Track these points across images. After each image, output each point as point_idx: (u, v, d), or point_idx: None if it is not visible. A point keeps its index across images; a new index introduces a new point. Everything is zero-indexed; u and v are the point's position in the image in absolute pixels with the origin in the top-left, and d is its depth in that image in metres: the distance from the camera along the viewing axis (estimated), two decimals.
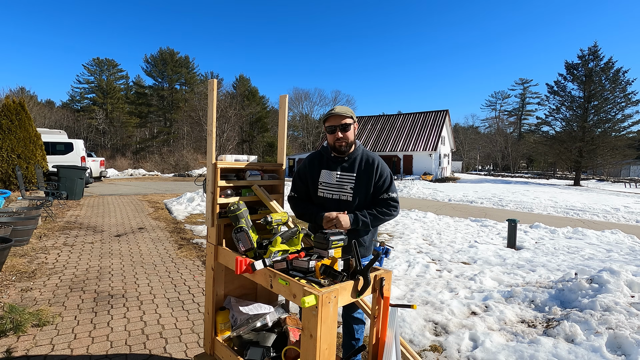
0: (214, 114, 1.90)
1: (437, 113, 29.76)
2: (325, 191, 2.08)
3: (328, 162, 2.10)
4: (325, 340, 1.33)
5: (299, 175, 2.20)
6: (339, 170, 2.06)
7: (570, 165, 30.17)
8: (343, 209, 2.00)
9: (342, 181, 2.04)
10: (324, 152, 2.14)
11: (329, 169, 2.09)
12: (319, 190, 2.10)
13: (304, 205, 2.13)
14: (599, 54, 26.73)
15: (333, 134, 2.00)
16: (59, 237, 5.58)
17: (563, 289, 3.19)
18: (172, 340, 2.61)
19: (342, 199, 2.04)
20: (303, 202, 2.18)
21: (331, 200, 2.06)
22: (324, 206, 2.07)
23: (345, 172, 2.05)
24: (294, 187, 2.23)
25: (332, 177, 2.06)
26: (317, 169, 2.12)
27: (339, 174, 2.05)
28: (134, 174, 26.08)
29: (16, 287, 3.46)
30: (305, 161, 2.20)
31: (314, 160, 2.15)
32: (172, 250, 5.14)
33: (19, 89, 37.27)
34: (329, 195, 2.07)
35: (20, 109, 9.72)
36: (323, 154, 2.14)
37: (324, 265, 1.43)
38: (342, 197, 2.04)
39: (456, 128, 56.33)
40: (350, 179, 2.03)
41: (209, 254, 2.02)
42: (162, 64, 48.26)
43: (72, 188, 9.85)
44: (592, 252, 5.67)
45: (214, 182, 1.91)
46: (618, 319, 2.57)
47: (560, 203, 13.41)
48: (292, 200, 2.23)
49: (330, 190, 2.07)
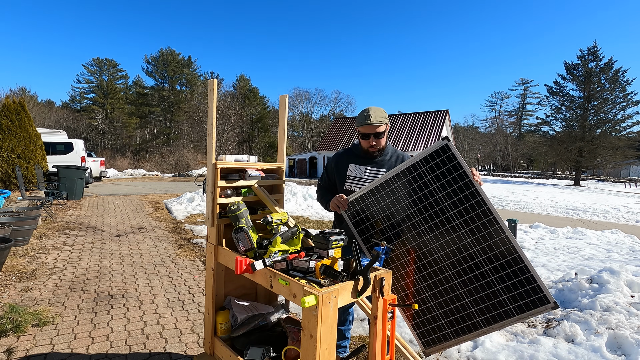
0: (214, 114, 1.90)
1: (437, 113, 29.73)
2: (353, 185, 2.09)
3: (357, 158, 2.12)
4: (325, 340, 1.33)
5: (327, 168, 2.25)
6: (369, 166, 2.08)
7: (570, 166, 30.19)
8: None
9: (372, 177, 2.06)
10: (354, 149, 2.15)
11: (357, 163, 2.10)
12: (345, 183, 2.11)
13: (325, 194, 2.18)
14: (598, 54, 26.79)
15: (367, 140, 2.01)
16: (59, 237, 5.58)
17: (563, 289, 3.19)
18: (172, 340, 2.61)
19: None
20: (325, 190, 2.23)
21: None
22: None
23: (376, 168, 2.07)
24: (322, 179, 2.29)
25: (360, 172, 2.08)
26: (345, 163, 2.13)
27: (368, 169, 2.07)
28: (134, 174, 26.09)
29: (16, 287, 3.46)
30: (335, 156, 2.24)
31: (343, 155, 2.18)
32: (172, 250, 5.14)
33: (19, 89, 37.27)
34: (357, 189, 2.07)
35: (20, 109, 9.72)
36: (353, 150, 2.16)
37: (324, 265, 1.43)
38: None
39: (456, 128, 56.30)
40: (380, 173, 2.05)
41: (209, 254, 2.02)
42: (163, 64, 48.27)
43: (72, 188, 9.85)
44: (592, 252, 5.67)
45: (214, 182, 1.91)
46: (618, 319, 2.57)
47: (560, 203, 13.42)
48: (318, 188, 2.30)
49: (358, 185, 2.07)
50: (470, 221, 1.67)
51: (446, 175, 1.71)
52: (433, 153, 1.74)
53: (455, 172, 1.69)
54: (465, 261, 1.70)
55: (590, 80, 26.46)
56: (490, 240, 1.63)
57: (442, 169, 1.72)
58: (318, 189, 2.29)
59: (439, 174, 1.72)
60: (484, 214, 1.64)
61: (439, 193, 1.73)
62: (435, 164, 1.73)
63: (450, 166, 1.70)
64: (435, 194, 1.74)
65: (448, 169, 1.70)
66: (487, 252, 1.64)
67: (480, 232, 1.65)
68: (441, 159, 1.71)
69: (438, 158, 1.72)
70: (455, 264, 1.72)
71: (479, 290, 1.67)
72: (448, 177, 1.70)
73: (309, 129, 51.29)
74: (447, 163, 1.70)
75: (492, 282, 1.64)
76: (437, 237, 1.76)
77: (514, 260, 1.59)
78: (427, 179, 1.76)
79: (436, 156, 1.73)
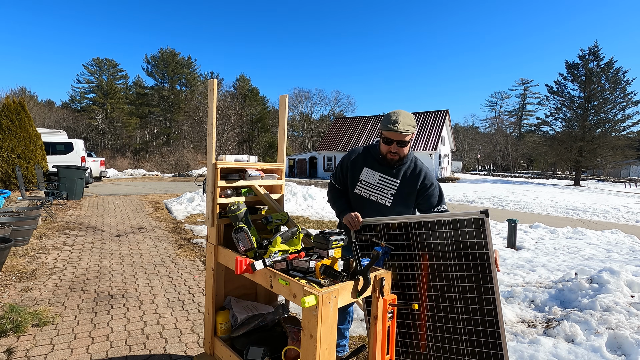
0: (214, 114, 1.90)
1: (437, 113, 29.70)
2: (363, 190, 2.02)
3: (373, 162, 2.01)
4: (325, 341, 1.33)
5: (342, 166, 2.14)
6: (382, 173, 1.98)
7: (570, 166, 30.12)
8: (381, 213, 1.96)
9: (383, 184, 1.98)
10: (372, 150, 2.04)
11: (372, 168, 2.01)
12: (357, 187, 2.04)
13: (338, 198, 2.11)
14: (599, 54, 26.70)
15: (388, 145, 1.90)
16: (59, 237, 5.58)
17: (563, 289, 3.19)
18: (172, 341, 2.61)
19: (380, 202, 1.99)
20: (338, 192, 2.14)
21: (368, 201, 2.01)
22: (358, 204, 2.03)
23: (389, 176, 1.98)
24: (335, 174, 2.19)
25: (373, 178, 2.00)
26: (360, 165, 2.04)
27: (381, 176, 1.98)
28: (134, 174, 26.08)
29: (16, 287, 3.46)
30: (352, 153, 2.12)
31: (359, 155, 2.07)
32: (172, 250, 5.14)
33: (19, 89, 37.25)
34: (367, 195, 2.02)
35: (20, 109, 9.72)
36: (371, 151, 2.05)
37: (324, 265, 1.43)
38: (380, 200, 1.99)
39: (456, 128, 56.21)
40: (393, 184, 1.97)
41: (209, 254, 2.02)
42: (163, 64, 48.25)
43: (72, 188, 9.85)
44: (592, 252, 5.67)
45: (214, 182, 1.91)
46: (618, 319, 2.57)
47: (560, 203, 13.41)
48: (331, 187, 2.20)
49: (369, 191, 2.01)
50: (471, 301, 1.61)
51: (468, 247, 1.60)
52: (465, 219, 1.61)
53: (478, 249, 1.57)
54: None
55: (590, 80, 26.36)
56: (480, 328, 1.59)
57: (466, 240, 1.61)
58: (330, 190, 2.20)
59: (461, 242, 1.62)
60: (487, 301, 1.57)
61: (452, 260, 1.65)
62: (462, 231, 1.61)
63: (477, 241, 1.57)
64: (449, 260, 1.66)
65: (472, 243, 1.59)
66: (472, 336, 1.61)
67: (476, 315, 1.60)
68: (470, 230, 1.59)
69: (468, 227, 1.60)
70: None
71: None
72: (469, 251, 1.60)
73: (309, 129, 51.28)
74: (474, 236, 1.59)
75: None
76: (434, 296, 1.71)
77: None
78: (448, 242, 1.65)
79: (467, 224, 1.60)
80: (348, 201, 2.10)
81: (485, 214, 1.56)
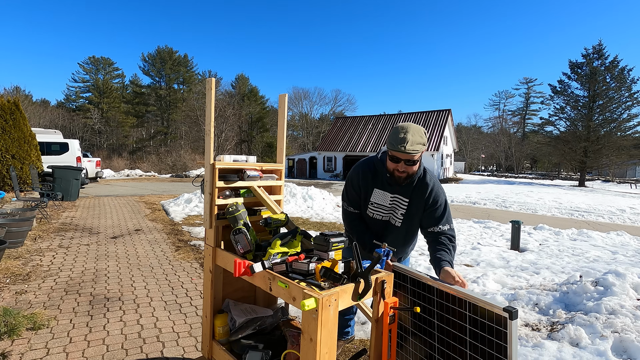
0: (212, 113, 1.87)
1: (439, 112, 29.59)
2: (375, 212, 1.97)
3: (382, 182, 1.90)
4: (325, 344, 1.31)
5: (353, 186, 2.00)
6: (392, 193, 1.90)
7: (574, 166, 29.91)
8: (390, 232, 1.94)
9: (394, 204, 1.92)
10: (379, 167, 1.90)
11: (382, 189, 1.91)
12: (369, 209, 1.98)
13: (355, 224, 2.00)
14: (603, 53, 26.34)
15: (395, 164, 1.75)
16: (54, 239, 5.52)
17: (567, 292, 3.16)
18: (169, 344, 2.58)
19: (390, 222, 1.96)
20: (356, 220, 2.02)
21: (379, 222, 1.98)
22: (369, 225, 2.01)
23: (399, 195, 1.90)
24: (348, 198, 2.03)
25: (385, 199, 1.92)
26: (371, 186, 1.94)
27: (392, 197, 1.91)
28: (131, 175, 25.94)
29: (10, 290, 3.41)
30: (359, 172, 1.98)
31: (368, 174, 1.95)
32: (169, 252, 5.10)
33: (13, 88, 36.99)
34: (379, 217, 1.97)
35: (14, 109, 9.62)
36: (377, 168, 1.91)
37: (324, 268, 1.41)
38: (391, 220, 1.95)
39: (459, 128, 55.94)
40: (403, 203, 1.90)
41: (207, 256, 1.99)
42: (160, 63, 48.02)
43: (67, 189, 9.77)
44: (597, 254, 5.62)
45: (212, 183, 1.88)
46: (624, 323, 2.55)
47: (564, 204, 13.34)
48: (347, 215, 2.05)
49: (381, 212, 1.96)
50: None
51: (485, 343, 1.38)
52: (486, 311, 1.37)
53: (497, 352, 1.34)
54: None
55: (595, 79, 25.85)
56: None
57: (485, 335, 1.38)
58: (346, 216, 2.06)
59: (480, 333, 1.40)
60: None
61: (469, 350, 1.45)
62: (481, 323, 1.39)
63: (495, 342, 1.34)
64: (465, 347, 1.46)
65: (490, 341, 1.36)
66: None
67: None
68: (490, 327, 1.36)
69: (489, 320, 1.36)
70: None
71: None
72: (485, 348, 1.38)
73: (309, 128, 51.25)
74: (494, 334, 1.35)
75: None
76: None
77: None
78: (469, 327, 1.44)
79: (487, 317, 1.36)
80: (367, 226, 2.03)
81: (509, 314, 1.27)
